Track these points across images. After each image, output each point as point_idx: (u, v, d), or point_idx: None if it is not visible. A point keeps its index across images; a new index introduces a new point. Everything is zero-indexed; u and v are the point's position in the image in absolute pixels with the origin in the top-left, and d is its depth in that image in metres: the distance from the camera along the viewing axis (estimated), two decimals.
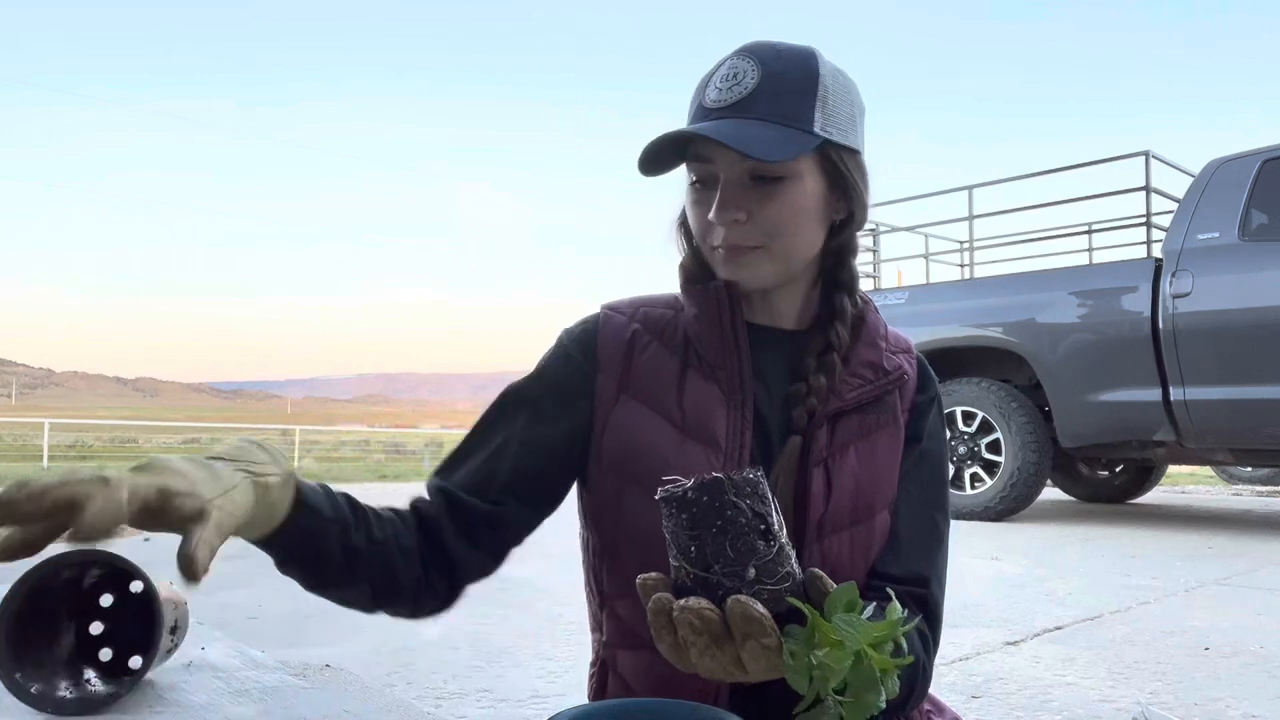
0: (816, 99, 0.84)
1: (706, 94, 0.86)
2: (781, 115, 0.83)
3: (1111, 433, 4.85)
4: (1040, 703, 1.78)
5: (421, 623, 0.90)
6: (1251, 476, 9.45)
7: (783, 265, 0.87)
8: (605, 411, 0.89)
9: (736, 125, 0.82)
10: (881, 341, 0.93)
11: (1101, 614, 2.65)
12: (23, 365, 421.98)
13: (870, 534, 0.88)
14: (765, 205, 0.84)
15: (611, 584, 0.91)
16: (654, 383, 0.89)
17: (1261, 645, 2.27)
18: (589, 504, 0.92)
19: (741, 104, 0.83)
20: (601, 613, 0.93)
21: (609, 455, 0.88)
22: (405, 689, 1.80)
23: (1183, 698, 1.83)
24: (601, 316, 0.95)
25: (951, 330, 5.37)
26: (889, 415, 0.91)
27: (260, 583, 3.09)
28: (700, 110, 0.86)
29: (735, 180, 0.84)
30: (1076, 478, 6.75)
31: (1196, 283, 4.46)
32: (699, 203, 0.88)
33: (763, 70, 0.83)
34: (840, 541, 0.86)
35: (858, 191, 0.89)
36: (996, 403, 5.17)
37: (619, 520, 0.88)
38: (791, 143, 0.82)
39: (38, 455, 17.94)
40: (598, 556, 0.92)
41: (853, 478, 0.87)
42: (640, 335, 0.92)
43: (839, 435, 0.88)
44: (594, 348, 0.92)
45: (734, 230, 0.85)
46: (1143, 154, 5.18)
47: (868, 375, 0.90)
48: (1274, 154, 4.55)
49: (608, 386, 0.90)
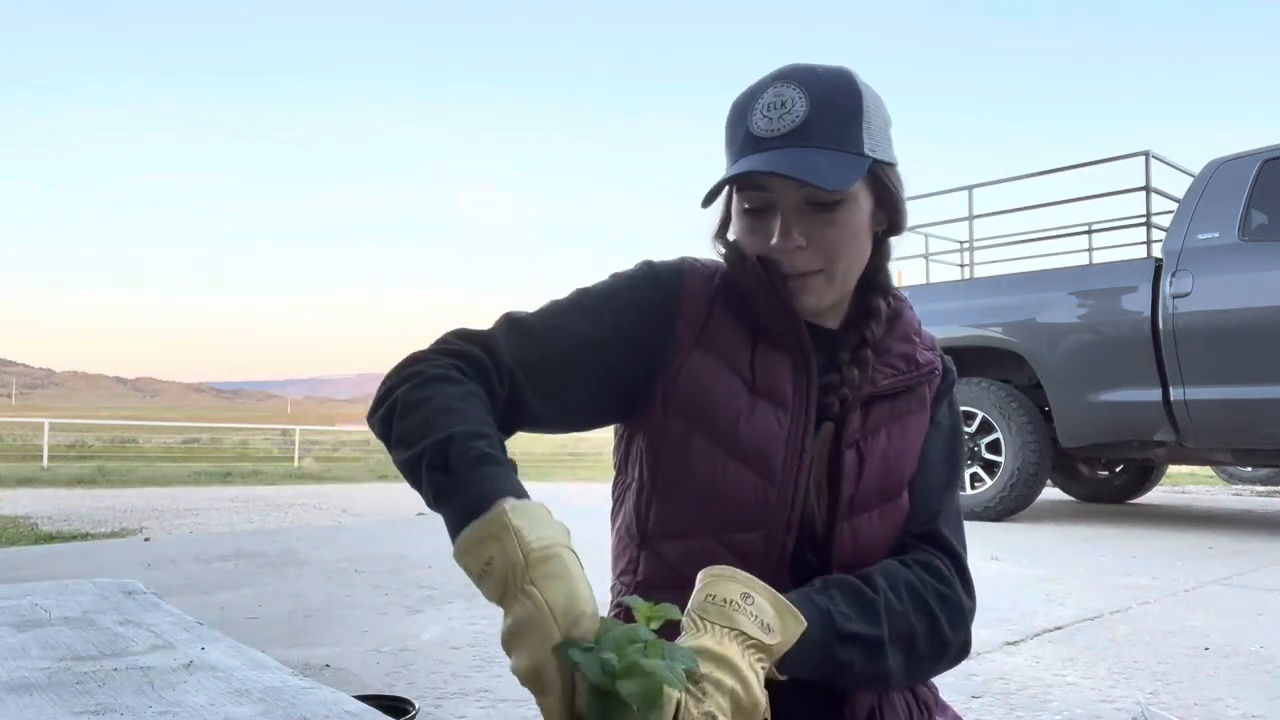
0: (863, 121, 0.87)
1: (754, 122, 0.87)
2: (835, 141, 0.85)
3: (1111, 433, 4.85)
4: (1040, 703, 1.78)
5: (421, 623, 0.89)
6: (1251, 476, 9.45)
7: (841, 285, 0.91)
8: (682, 357, 0.91)
9: (797, 155, 0.84)
10: (916, 337, 0.98)
11: (1101, 614, 2.65)
12: (23, 365, 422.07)
13: (899, 511, 0.93)
14: (824, 231, 0.87)
15: (658, 525, 0.92)
16: (729, 340, 0.92)
17: (1261, 645, 2.27)
18: (647, 443, 0.92)
19: (796, 133, 0.85)
20: (640, 553, 0.94)
21: (679, 401, 0.90)
22: (405, 689, 1.80)
23: (1183, 698, 1.83)
24: (686, 266, 0.96)
25: (951, 330, 5.36)
26: (918, 403, 0.96)
27: (260, 583, 3.09)
28: (750, 139, 0.87)
29: (794, 208, 0.87)
30: (1076, 478, 6.74)
31: (1196, 283, 4.46)
32: (755, 230, 0.90)
33: (810, 97, 0.85)
34: (871, 519, 0.91)
35: (900, 202, 0.93)
36: (996, 403, 5.17)
37: (683, 464, 0.89)
38: (850, 168, 0.85)
39: (38, 455, 17.94)
40: (646, 497, 0.93)
41: (883, 457, 0.92)
42: (722, 293, 0.94)
43: (872, 419, 0.93)
44: (680, 292, 0.93)
45: (796, 257, 0.88)
46: (1143, 154, 5.18)
47: (901, 366, 0.95)
48: (1274, 154, 4.55)
49: (688, 334, 0.92)
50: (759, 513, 0.88)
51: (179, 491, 9.66)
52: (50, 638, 1.15)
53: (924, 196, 6.38)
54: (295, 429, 25.52)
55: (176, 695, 0.92)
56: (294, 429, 26.12)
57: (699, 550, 0.89)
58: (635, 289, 0.94)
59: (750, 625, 0.72)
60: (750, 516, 0.88)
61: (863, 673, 0.82)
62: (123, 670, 1.00)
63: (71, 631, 1.19)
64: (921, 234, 6.70)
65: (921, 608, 0.87)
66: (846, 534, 0.89)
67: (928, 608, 0.87)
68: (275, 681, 0.98)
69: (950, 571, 0.92)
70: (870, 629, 0.82)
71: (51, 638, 1.15)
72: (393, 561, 3.56)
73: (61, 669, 1.01)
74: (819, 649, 0.78)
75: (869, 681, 0.84)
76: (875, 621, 0.82)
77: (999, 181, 6.11)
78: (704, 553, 0.88)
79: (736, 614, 0.72)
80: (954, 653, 0.90)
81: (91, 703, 0.89)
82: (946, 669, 0.91)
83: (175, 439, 36.16)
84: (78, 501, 7.94)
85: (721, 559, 0.87)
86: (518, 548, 0.67)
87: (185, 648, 1.10)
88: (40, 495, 8.77)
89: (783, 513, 0.88)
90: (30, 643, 1.13)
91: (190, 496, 8.80)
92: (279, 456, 22.89)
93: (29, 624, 1.23)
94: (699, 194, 0.92)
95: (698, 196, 0.92)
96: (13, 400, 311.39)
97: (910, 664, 0.85)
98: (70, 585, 1.50)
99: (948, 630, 0.88)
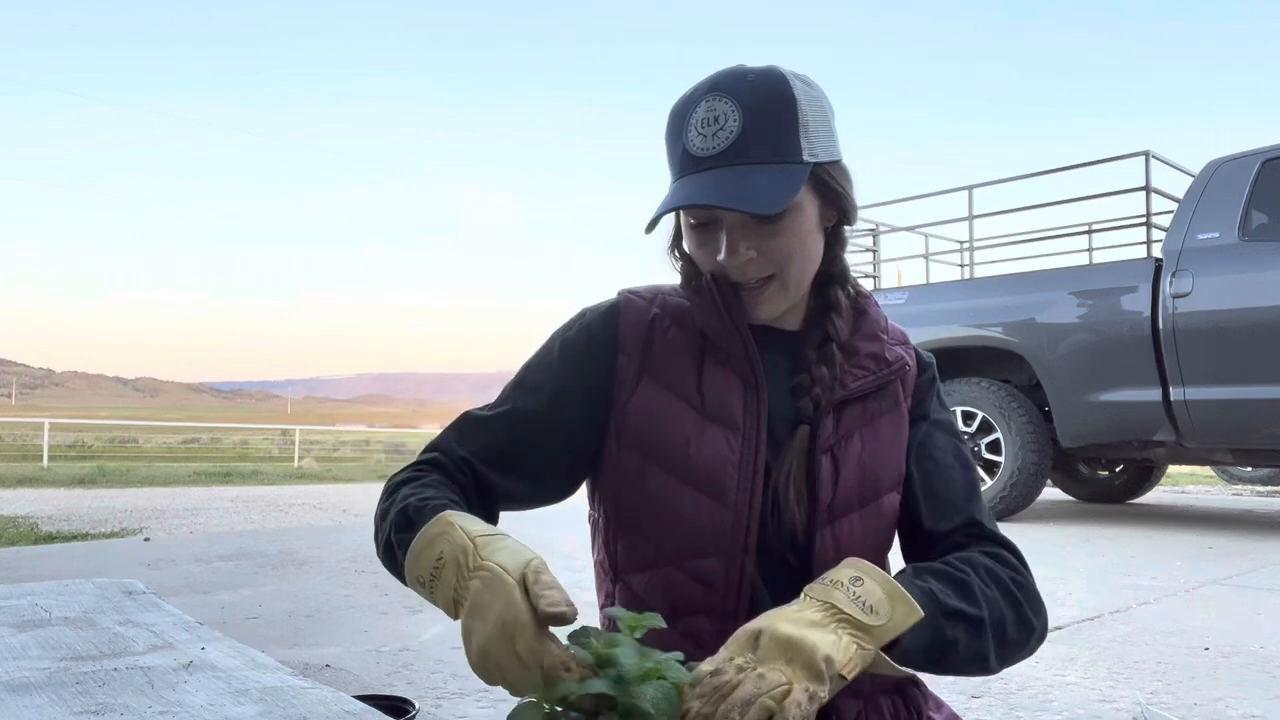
0: (799, 126, 0.86)
1: (690, 140, 0.86)
2: (772, 152, 0.85)
3: (1111, 433, 4.85)
4: (1040, 703, 1.78)
5: (421, 623, 0.90)
6: (1251, 476, 9.45)
7: (797, 288, 0.91)
8: (626, 393, 0.92)
9: (733, 176, 0.84)
10: (883, 335, 0.97)
11: (1101, 614, 2.65)
12: (23, 365, 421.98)
13: (879, 514, 0.92)
14: (772, 240, 0.87)
15: (626, 559, 0.93)
16: (674, 367, 0.92)
17: (1261, 645, 2.27)
18: (606, 481, 0.94)
19: (731, 150, 0.84)
20: (614, 587, 0.95)
21: (630, 435, 0.91)
22: (405, 689, 1.80)
23: (1183, 698, 1.83)
24: (622, 300, 0.97)
25: (951, 330, 5.36)
26: (890, 401, 0.95)
27: (260, 583, 3.09)
28: (688, 158, 0.87)
29: (738, 224, 0.87)
30: (1076, 478, 6.74)
31: (1196, 283, 4.46)
32: (703, 244, 0.90)
33: (742, 110, 0.85)
34: (851, 523, 0.90)
35: (847, 197, 0.92)
36: (996, 403, 5.17)
37: (641, 496, 0.90)
38: (789, 182, 0.84)
39: (38, 455, 17.93)
40: (613, 533, 0.94)
41: (858, 462, 0.91)
42: (660, 320, 0.95)
43: (844, 423, 0.92)
44: (616, 330, 0.95)
45: (746, 268, 0.88)
46: (1143, 154, 5.18)
47: (870, 366, 0.94)
48: (1274, 154, 4.55)
49: (629, 368, 0.93)
50: (716, 539, 0.88)
51: (179, 491, 9.65)
52: (50, 638, 1.15)
53: (924, 196, 6.39)
54: (295, 429, 25.52)
55: (176, 695, 0.92)
56: (294, 429, 26.11)
57: (663, 580, 0.89)
58: (568, 345, 0.96)
59: (847, 603, 0.71)
60: (708, 543, 0.88)
61: (967, 651, 0.80)
62: (123, 670, 1.00)
63: (71, 631, 1.19)
64: (921, 234, 6.71)
65: (1006, 593, 0.85)
66: (828, 540, 0.89)
67: (1010, 593, 0.86)
68: (275, 681, 0.98)
69: (1017, 561, 0.91)
70: (971, 607, 0.81)
71: (51, 638, 1.15)
72: None
73: (61, 669, 1.01)
74: (927, 627, 0.76)
75: (972, 662, 0.82)
76: (973, 600, 0.81)
77: (999, 181, 6.11)
78: (668, 583, 0.89)
79: (836, 591, 0.72)
80: (1036, 638, 0.88)
81: (91, 703, 0.89)
82: (1028, 655, 0.89)
83: (175, 439, 36.16)
84: (78, 501, 7.94)
85: (686, 588, 0.88)
86: (464, 535, 0.73)
87: (185, 648, 1.10)
88: (40, 495, 8.77)
89: (739, 536, 0.87)
90: (30, 643, 1.13)
91: (190, 496, 8.80)
92: (279, 456, 22.89)
93: (29, 624, 1.23)
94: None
95: None
96: (13, 400, 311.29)
97: (1001, 649, 0.84)
98: (70, 585, 1.50)
99: (1031, 615, 0.87)
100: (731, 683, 0.66)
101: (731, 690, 0.65)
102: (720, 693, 0.65)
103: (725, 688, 0.66)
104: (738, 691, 0.65)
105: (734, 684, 0.66)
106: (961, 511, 0.94)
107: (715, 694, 0.66)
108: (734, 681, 0.66)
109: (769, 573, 0.89)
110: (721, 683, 0.66)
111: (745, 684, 0.65)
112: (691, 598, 0.89)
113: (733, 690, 0.65)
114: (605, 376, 0.93)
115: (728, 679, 0.66)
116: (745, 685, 0.65)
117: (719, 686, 0.66)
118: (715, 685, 0.66)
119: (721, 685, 0.66)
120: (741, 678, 0.66)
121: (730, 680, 0.66)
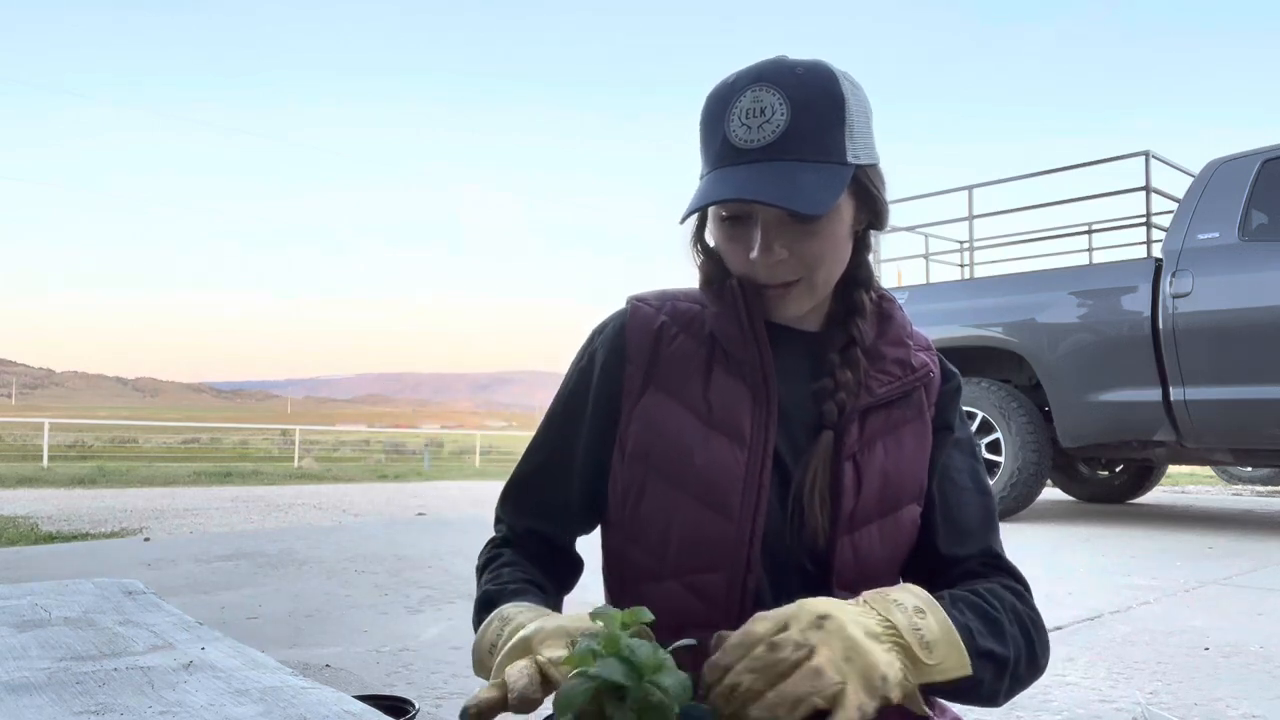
0: (845, 126, 0.83)
1: (732, 130, 0.83)
2: (818, 151, 0.82)
3: (1111, 433, 4.85)
4: (1040, 703, 1.78)
5: (421, 623, 0.90)
6: (1251, 476, 9.46)
7: (822, 291, 0.90)
8: (631, 403, 0.91)
9: (778, 172, 0.81)
10: (909, 340, 0.95)
11: (1101, 614, 2.65)
12: (23, 365, 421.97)
13: (898, 526, 0.90)
14: (807, 242, 0.85)
15: (631, 569, 0.93)
16: (680, 375, 0.91)
17: (1261, 645, 2.27)
18: (613, 490, 0.93)
19: (777, 145, 0.81)
20: (620, 598, 0.95)
21: (635, 445, 0.90)
22: (405, 689, 1.80)
23: (1183, 698, 1.83)
24: (629, 309, 0.96)
25: (951, 330, 5.36)
26: (914, 410, 0.93)
27: (260, 583, 3.09)
28: (728, 148, 0.83)
29: (774, 221, 0.84)
30: (1076, 478, 6.75)
31: (1196, 283, 4.46)
32: (733, 238, 0.87)
33: (791, 105, 0.81)
34: (870, 533, 0.89)
35: (881, 201, 0.90)
36: (996, 403, 5.17)
37: (644, 507, 0.90)
38: (834, 182, 0.82)
39: (38, 455, 17.93)
40: (619, 542, 0.94)
41: (880, 472, 0.89)
42: (668, 327, 0.93)
43: (868, 430, 0.90)
44: (623, 343, 0.94)
45: (777, 268, 0.86)
46: (1143, 154, 5.18)
47: (896, 372, 0.92)
48: (1274, 154, 4.55)
49: (634, 378, 0.92)
50: (718, 553, 0.86)
51: (179, 491, 9.65)
52: (50, 638, 1.15)
53: (924, 196, 6.38)
54: (295, 429, 25.52)
55: (176, 695, 0.92)
56: (294, 429, 26.12)
57: (666, 593, 0.88)
58: (581, 372, 0.96)
59: (908, 630, 0.70)
60: (710, 557, 0.86)
61: (987, 690, 0.79)
62: (123, 670, 1.00)
63: (71, 631, 1.19)
64: (921, 234, 6.70)
65: (1024, 632, 0.84)
66: (847, 548, 0.87)
67: (1028, 632, 0.85)
68: (275, 681, 0.98)
69: (1029, 595, 0.90)
70: (1000, 647, 0.79)
71: (51, 638, 1.15)
72: (392, 561, 3.56)
73: (61, 669, 1.01)
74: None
75: (984, 698, 0.81)
76: (1004, 641, 0.80)
77: (999, 181, 6.11)
78: (670, 596, 0.87)
79: (897, 612, 0.71)
80: (1038, 675, 0.87)
81: (91, 703, 0.89)
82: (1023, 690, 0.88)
83: (175, 439, 36.15)
84: (78, 501, 7.93)
85: (687, 602, 0.87)
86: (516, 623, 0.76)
87: (185, 648, 1.10)
88: (40, 495, 8.77)
89: (742, 550, 0.86)
90: (30, 643, 1.13)
91: (190, 496, 8.80)
92: (279, 456, 22.89)
93: (29, 624, 1.23)
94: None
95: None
96: (13, 400, 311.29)
97: (1012, 688, 0.83)
98: (70, 585, 1.50)
99: (1040, 655, 0.86)
100: (788, 661, 0.64)
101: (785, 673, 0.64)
102: (776, 670, 0.64)
103: (782, 665, 0.64)
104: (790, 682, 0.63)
105: (791, 664, 0.64)
106: (978, 539, 0.92)
107: (770, 670, 0.64)
108: (791, 660, 0.64)
109: (783, 584, 0.87)
110: (779, 659, 0.64)
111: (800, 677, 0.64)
112: (692, 612, 0.87)
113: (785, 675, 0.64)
114: (619, 389, 0.92)
115: (785, 656, 0.64)
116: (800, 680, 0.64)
117: (775, 663, 0.64)
118: (772, 661, 0.64)
119: (779, 662, 0.64)
120: (799, 656, 0.64)
121: (787, 659, 0.64)
